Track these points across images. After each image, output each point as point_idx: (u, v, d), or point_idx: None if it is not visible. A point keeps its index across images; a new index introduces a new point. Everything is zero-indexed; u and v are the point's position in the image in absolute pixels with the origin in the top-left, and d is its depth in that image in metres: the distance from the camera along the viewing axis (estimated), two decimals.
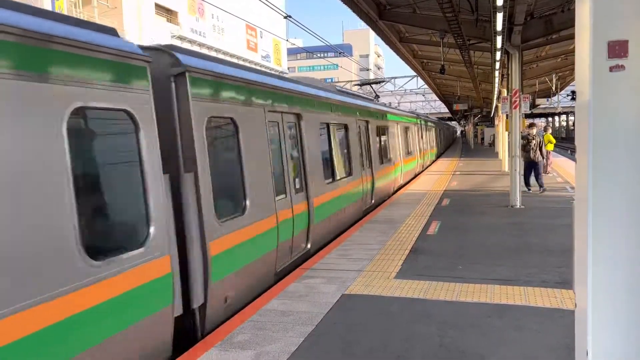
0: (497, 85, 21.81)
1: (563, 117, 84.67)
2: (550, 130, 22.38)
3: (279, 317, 5.32)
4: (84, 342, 3.58)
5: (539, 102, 34.57)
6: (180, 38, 41.67)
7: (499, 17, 9.79)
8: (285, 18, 14.42)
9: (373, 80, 22.48)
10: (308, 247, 8.06)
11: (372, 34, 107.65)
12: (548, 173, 17.79)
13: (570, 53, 20.04)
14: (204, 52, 9.42)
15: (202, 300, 5.10)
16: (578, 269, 2.63)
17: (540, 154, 14.21)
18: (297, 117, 8.07)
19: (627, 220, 2.44)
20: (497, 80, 20.25)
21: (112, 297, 3.80)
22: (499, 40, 11.51)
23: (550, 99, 38.43)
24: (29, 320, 3.16)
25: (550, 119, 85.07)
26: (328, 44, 19.34)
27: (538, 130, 14.67)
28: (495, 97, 26.21)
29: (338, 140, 10.46)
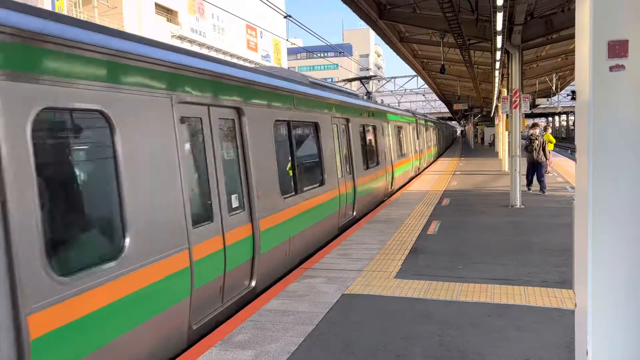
0: (497, 85, 21.82)
1: (563, 117, 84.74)
2: (550, 130, 22.37)
3: (279, 316, 5.32)
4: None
5: (539, 101, 34.61)
6: (180, 37, 41.73)
7: (499, 16, 9.80)
8: (286, 18, 14.42)
9: (363, 76, 20.25)
10: (252, 285, 6.18)
11: (372, 34, 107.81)
12: (548, 173, 17.79)
13: (571, 53, 20.06)
14: (204, 51, 9.06)
15: None
16: (578, 269, 2.63)
17: (544, 155, 14.00)
18: (235, 111, 6.16)
19: (627, 220, 2.45)
20: (497, 80, 20.25)
21: None
22: (499, 40, 11.52)
23: (550, 99, 38.41)
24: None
25: (550, 119, 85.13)
26: (328, 44, 19.32)
27: (539, 131, 14.56)
28: (496, 96, 26.22)
29: (304, 142, 8.75)
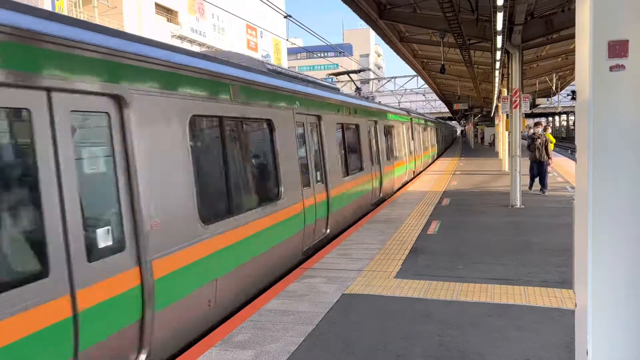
0: (497, 85, 21.81)
1: (563, 116, 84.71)
2: (550, 130, 22.35)
3: (279, 316, 5.32)
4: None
5: (539, 101, 34.59)
6: (181, 37, 41.72)
7: (499, 16, 9.80)
8: (286, 18, 14.42)
9: (351, 70, 17.94)
10: (142, 359, 4.33)
11: (372, 34, 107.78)
12: (548, 172, 17.77)
13: (571, 52, 20.05)
14: (204, 51, 8.78)
15: None
16: (578, 269, 2.63)
17: (546, 154, 13.77)
18: (111, 101, 4.09)
19: (627, 220, 2.45)
20: (497, 80, 20.25)
21: None
22: (499, 40, 11.52)
23: (551, 99, 38.40)
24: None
25: (551, 119, 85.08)
26: (328, 44, 19.31)
27: (541, 130, 14.47)
28: (496, 96, 26.22)
29: (248, 145, 6.62)
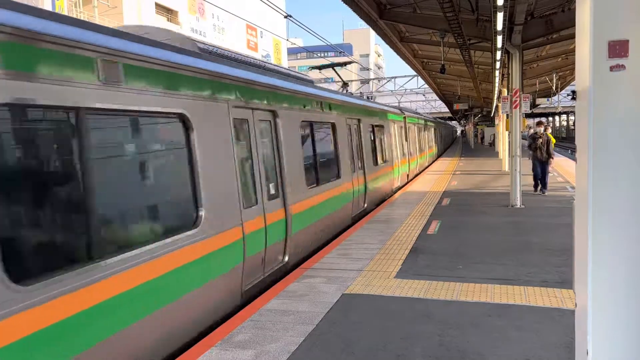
0: (497, 85, 21.81)
1: (563, 116, 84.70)
2: (550, 130, 22.33)
3: (279, 316, 5.32)
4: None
5: (539, 101, 34.61)
6: None
7: (500, 16, 9.80)
8: (286, 18, 14.42)
9: (335, 63, 15.71)
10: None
11: (372, 34, 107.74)
12: (549, 172, 17.77)
13: (571, 52, 20.06)
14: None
15: None
16: (578, 269, 2.63)
17: (548, 153, 13.73)
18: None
19: (627, 220, 2.45)
20: (497, 80, 20.25)
21: None
22: (500, 40, 11.52)
23: (551, 99, 38.41)
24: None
25: (551, 119, 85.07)
26: (328, 44, 19.32)
27: (542, 129, 14.43)
28: (496, 96, 26.21)
29: (146, 149, 4.66)
